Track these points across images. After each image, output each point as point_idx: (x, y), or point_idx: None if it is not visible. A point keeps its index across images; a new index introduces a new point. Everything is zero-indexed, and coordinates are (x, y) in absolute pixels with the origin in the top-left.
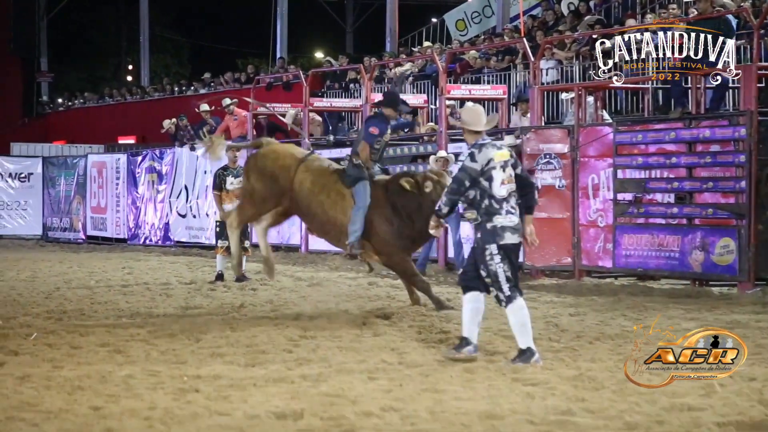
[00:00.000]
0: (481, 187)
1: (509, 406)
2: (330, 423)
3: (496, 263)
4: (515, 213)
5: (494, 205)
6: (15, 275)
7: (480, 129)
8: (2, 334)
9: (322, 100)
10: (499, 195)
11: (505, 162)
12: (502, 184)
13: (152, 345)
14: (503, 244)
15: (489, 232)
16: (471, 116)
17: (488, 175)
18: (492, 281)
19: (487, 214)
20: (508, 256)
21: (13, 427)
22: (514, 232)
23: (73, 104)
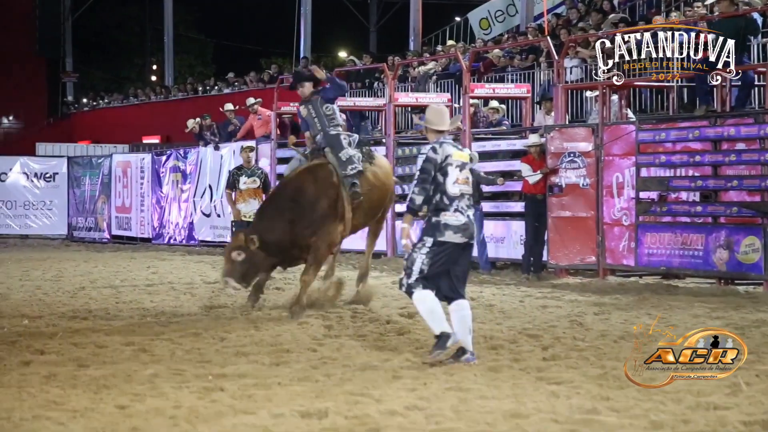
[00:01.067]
0: (437, 181)
1: (534, 404)
2: (354, 422)
3: (421, 253)
4: (464, 214)
5: (444, 201)
6: (41, 275)
7: (443, 128)
8: (28, 333)
9: (346, 99)
10: (451, 192)
11: (463, 163)
12: (455, 182)
13: (177, 344)
14: (441, 241)
15: (432, 226)
16: (435, 116)
17: (445, 170)
18: (406, 266)
19: (435, 210)
20: (441, 254)
21: (40, 425)
22: (456, 232)
23: (97, 104)
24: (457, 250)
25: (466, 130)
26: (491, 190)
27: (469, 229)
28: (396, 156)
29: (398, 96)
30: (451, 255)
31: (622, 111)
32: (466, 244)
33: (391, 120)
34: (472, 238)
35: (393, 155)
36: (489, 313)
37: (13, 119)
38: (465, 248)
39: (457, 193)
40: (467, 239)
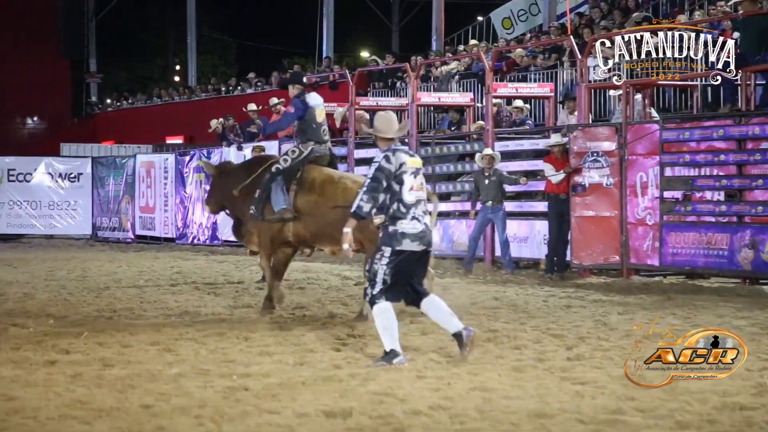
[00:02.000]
0: (392, 190)
1: (558, 405)
2: (379, 421)
3: (381, 264)
4: (421, 221)
5: (401, 210)
6: (65, 274)
7: (391, 136)
8: (54, 333)
9: (368, 99)
10: (408, 200)
11: (417, 170)
12: (411, 189)
13: (201, 344)
14: (399, 250)
15: (389, 235)
16: (383, 123)
17: (400, 178)
18: (370, 277)
19: (392, 218)
20: (400, 263)
21: (66, 424)
22: (414, 240)
23: (121, 104)
24: (415, 257)
25: (489, 129)
26: (514, 190)
27: (426, 236)
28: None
29: (421, 96)
30: (410, 262)
31: (646, 110)
32: (425, 251)
33: (414, 120)
34: (429, 245)
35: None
36: (513, 312)
37: (38, 120)
38: (424, 254)
39: (413, 201)
40: (425, 246)
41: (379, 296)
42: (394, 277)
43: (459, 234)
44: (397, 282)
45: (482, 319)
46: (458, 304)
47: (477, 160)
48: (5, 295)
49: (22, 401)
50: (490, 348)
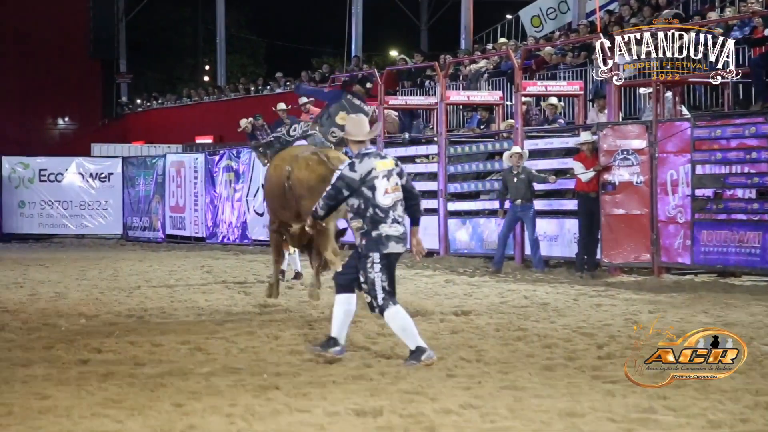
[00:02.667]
0: (365, 196)
1: (589, 403)
2: (409, 420)
3: (375, 272)
4: (402, 222)
5: (379, 214)
6: (97, 274)
7: (361, 138)
8: (86, 332)
9: (397, 98)
10: (384, 204)
11: (389, 171)
12: (386, 193)
13: (232, 342)
14: (387, 253)
15: (373, 241)
16: (353, 126)
17: (370, 184)
18: (368, 288)
19: (372, 223)
20: (389, 266)
21: (98, 423)
22: (398, 242)
23: (151, 105)
24: (397, 258)
25: (518, 127)
26: (544, 188)
27: (406, 237)
28: (448, 154)
29: (450, 94)
30: (393, 264)
31: (677, 108)
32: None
33: (443, 118)
34: (407, 244)
35: (445, 154)
36: (543, 311)
37: (69, 120)
38: (400, 256)
39: (390, 203)
40: (406, 247)
41: (385, 304)
42: (389, 280)
43: (488, 233)
44: (393, 284)
45: (512, 317)
46: (488, 302)
47: (505, 158)
48: (38, 295)
49: (55, 400)
50: (520, 347)
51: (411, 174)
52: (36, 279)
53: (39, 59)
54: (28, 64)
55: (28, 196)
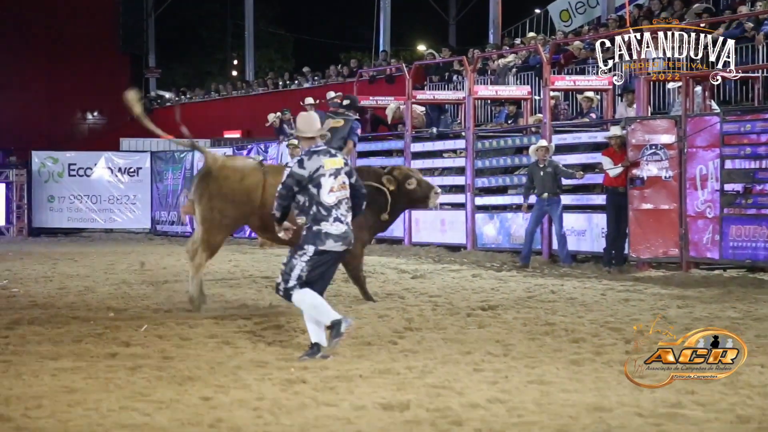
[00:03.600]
0: (310, 193)
1: (617, 398)
2: (436, 414)
3: (301, 260)
4: (344, 221)
5: (322, 212)
6: (125, 268)
7: (311, 135)
8: (114, 326)
9: (425, 92)
10: (327, 202)
11: (337, 170)
12: (330, 191)
13: (259, 336)
14: (322, 249)
15: (313, 234)
16: (303, 123)
17: (317, 182)
18: (284, 270)
19: (314, 220)
20: (322, 263)
21: (126, 416)
22: (337, 240)
23: (180, 99)
24: (336, 257)
25: (547, 122)
26: (572, 183)
27: (348, 237)
28: (476, 149)
29: (478, 89)
30: (330, 262)
31: (706, 102)
32: (345, 251)
33: (471, 113)
34: (350, 245)
35: (473, 148)
36: (570, 306)
37: (98, 115)
38: (342, 254)
39: (334, 202)
40: (346, 247)
41: (293, 287)
42: (311, 274)
43: (516, 227)
44: (312, 279)
45: (540, 312)
46: (515, 297)
47: (531, 152)
48: (66, 289)
49: (84, 393)
50: (547, 341)
51: (439, 169)
52: (65, 273)
53: (69, 54)
54: (58, 60)
55: (57, 190)
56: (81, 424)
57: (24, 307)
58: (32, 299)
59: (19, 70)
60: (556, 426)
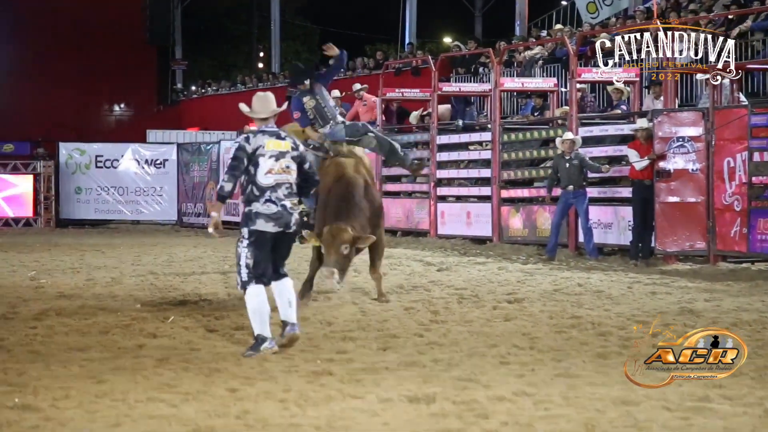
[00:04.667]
0: (249, 173)
1: (644, 391)
2: (462, 407)
3: (242, 246)
4: (278, 204)
5: (255, 192)
6: (152, 260)
7: (265, 116)
8: (141, 318)
9: (451, 84)
10: (262, 183)
11: (281, 152)
12: (268, 172)
13: None
14: (254, 230)
15: (245, 216)
16: (258, 104)
17: (255, 161)
18: (235, 263)
19: (247, 201)
20: (258, 244)
21: (154, 407)
22: (268, 221)
23: (206, 91)
24: (274, 238)
25: (573, 115)
26: (599, 176)
27: (282, 218)
28: (501, 141)
29: (504, 81)
30: (268, 243)
31: (734, 95)
32: (283, 233)
33: (497, 105)
34: (287, 227)
35: (499, 141)
36: (597, 299)
37: (125, 107)
38: (284, 236)
39: (271, 183)
40: (281, 228)
41: (249, 281)
42: (256, 258)
43: (542, 220)
44: (260, 264)
45: (566, 305)
46: (541, 290)
47: (558, 144)
48: (93, 280)
49: (111, 384)
50: (573, 334)
51: (464, 161)
52: (92, 264)
53: (96, 46)
54: (85, 51)
55: (84, 182)
56: (108, 415)
57: (52, 298)
58: (60, 290)
59: (47, 62)
60: (582, 419)
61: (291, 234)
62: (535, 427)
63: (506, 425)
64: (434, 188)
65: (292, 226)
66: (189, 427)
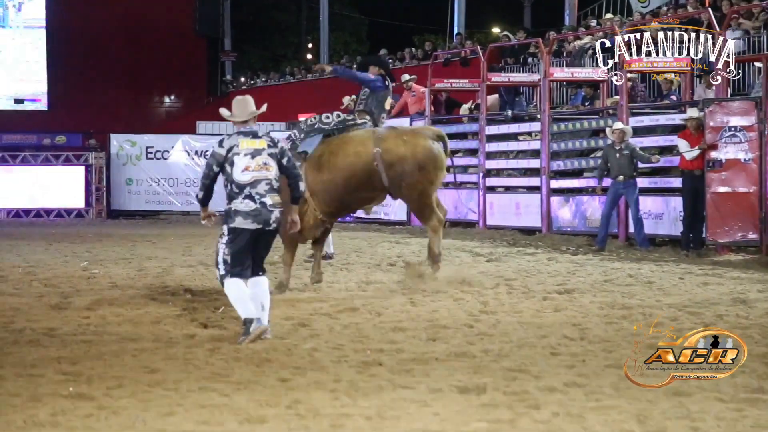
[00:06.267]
0: (226, 172)
1: (697, 383)
2: (513, 398)
3: (221, 243)
4: (256, 201)
5: (234, 190)
6: (202, 250)
7: (243, 119)
8: (192, 308)
9: (500, 75)
10: (240, 180)
11: (257, 150)
12: (245, 170)
13: (335, 319)
14: (233, 227)
15: (226, 213)
16: (236, 107)
17: (231, 160)
18: (215, 258)
19: (228, 198)
20: (237, 241)
21: (206, 396)
22: (246, 217)
23: (255, 83)
24: (253, 235)
25: (623, 104)
26: (649, 167)
27: (261, 215)
28: (551, 132)
29: (553, 71)
30: (248, 240)
31: None
32: (262, 230)
33: (546, 96)
34: (267, 224)
35: (548, 131)
36: (648, 290)
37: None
38: (263, 233)
39: (248, 180)
40: (260, 225)
41: (226, 274)
42: (235, 254)
43: (592, 210)
44: (239, 259)
45: (616, 296)
46: (591, 281)
47: (608, 134)
48: (145, 270)
49: (164, 374)
50: (624, 325)
51: (514, 152)
52: (143, 255)
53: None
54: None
55: (135, 173)
56: (161, 404)
57: (104, 289)
58: (112, 281)
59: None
60: (634, 410)
61: (271, 231)
62: (587, 418)
63: (557, 416)
64: (483, 179)
65: (272, 224)
66: (241, 417)
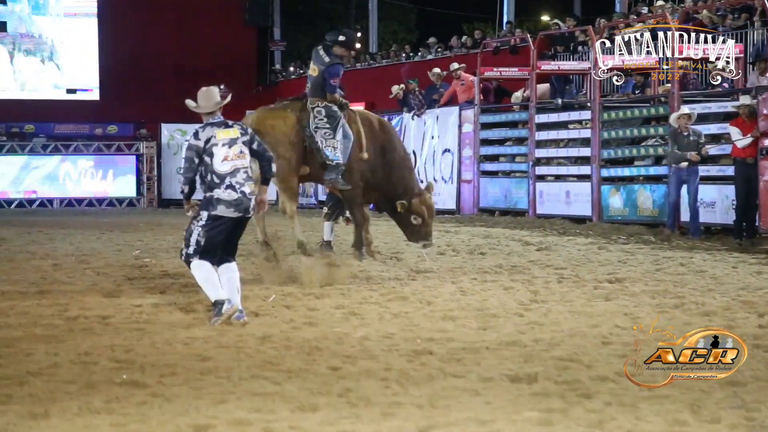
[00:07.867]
0: (205, 163)
1: (751, 372)
2: (565, 387)
3: (197, 226)
4: (237, 190)
5: (215, 180)
6: (252, 239)
7: (210, 110)
8: (243, 297)
9: (550, 63)
10: (220, 170)
11: (233, 140)
12: (224, 160)
13: (385, 308)
14: (214, 215)
15: (206, 201)
16: (203, 99)
17: (210, 152)
18: (185, 236)
19: (209, 188)
20: (216, 228)
21: (257, 384)
22: (229, 206)
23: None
24: (232, 223)
25: (675, 92)
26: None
27: (242, 204)
28: (601, 120)
29: (604, 59)
30: (227, 228)
31: None
32: (241, 218)
33: (597, 84)
34: (246, 212)
35: (598, 119)
36: (700, 279)
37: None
38: (241, 221)
39: (228, 170)
40: (241, 214)
41: (193, 255)
42: (209, 240)
43: (643, 199)
44: (213, 244)
45: (668, 285)
46: (643, 270)
47: (672, 121)
48: None
49: (216, 362)
50: (677, 315)
51: (564, 140)
52: None
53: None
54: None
55: None
56: (214, 392)
57: (155, 277)
58: (163, 269)
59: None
60: (688, 400)
61: (247, 219)
62: (639, 407)
63: (610, 405)
64: (533, 167)
65: (250, 211)
66: (293, 405)
